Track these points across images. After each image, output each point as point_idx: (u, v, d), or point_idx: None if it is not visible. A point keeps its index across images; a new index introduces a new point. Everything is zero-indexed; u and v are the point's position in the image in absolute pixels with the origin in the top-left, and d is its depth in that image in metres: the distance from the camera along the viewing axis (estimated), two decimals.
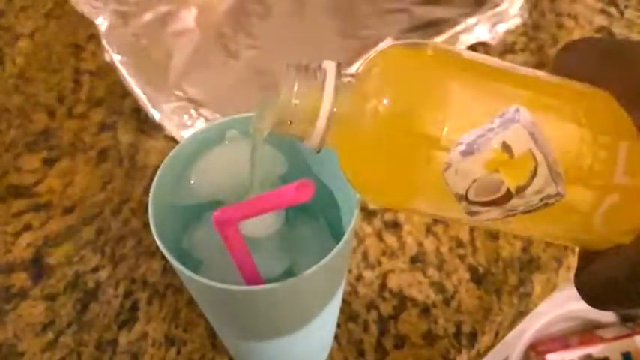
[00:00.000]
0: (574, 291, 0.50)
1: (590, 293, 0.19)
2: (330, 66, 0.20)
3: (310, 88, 0.19)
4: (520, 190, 0.18)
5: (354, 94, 0.19)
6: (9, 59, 0.51)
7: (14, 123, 0.46)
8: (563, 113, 0.18)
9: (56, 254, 0.39)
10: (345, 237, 0.22)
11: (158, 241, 0.23)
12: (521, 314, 0.38)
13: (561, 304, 0.60)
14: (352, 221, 0.23)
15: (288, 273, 0.28)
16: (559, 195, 0.18)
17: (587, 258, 0.20)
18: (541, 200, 0.18)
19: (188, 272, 0.21)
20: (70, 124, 0.46)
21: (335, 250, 0.22)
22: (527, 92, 0.18)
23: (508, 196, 0.18)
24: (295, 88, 0.19)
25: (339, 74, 0.19)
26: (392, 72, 0.19)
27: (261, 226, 0.26)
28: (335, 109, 0.19)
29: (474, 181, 0.18)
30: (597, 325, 0.63)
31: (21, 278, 0.38)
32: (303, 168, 0.29)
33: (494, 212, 0.18)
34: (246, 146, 0.26)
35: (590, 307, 0.53)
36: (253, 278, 0.23)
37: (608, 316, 0.64)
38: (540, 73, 0.19)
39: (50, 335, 0.36)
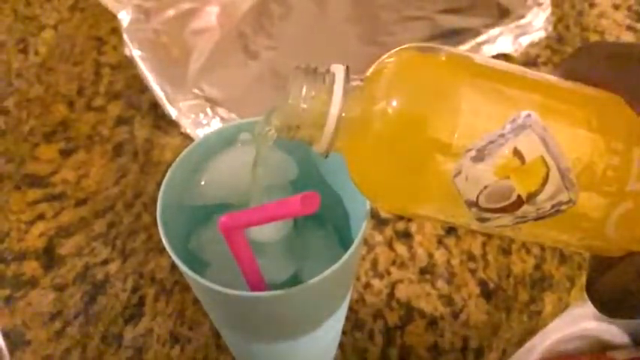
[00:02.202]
0: (587, 309, 0.49)
1: (603, 301, 0.19)
2: (338, 70, 0.19)
3: (318, 92, 0.19)
4: (531, 196, 0.17)
5: (363, 96, 0.19)
6: (32, 49, 0.51)
7: (34, 112, 0.47)
8: (575, 119, 0.18)
9: (67, 245, 0.40)
10: (352, 248, 0.22)
11: (164, 240, 0.23)
12: (531, 333, 0.37)
13: (574, 322, 0.59)
14: (360, 233, 0.23)
15: (294, 279, 0.27)
16: (571, 202, 0.17)
17: (599, 265, 0.20)
18: (553, 207, 0.18)
19: (191, 273, 0.21)
20: (88, 116, 0.47)
21: (340, 261, 0.22)
22: (538, 97, 0.18)
23: (519, 202, 0.18)
24: (303, 92, 0.19)
25: (347, 78, 0.19)
26: (403, 75, 0.19)
27: (268, 230, 0.26)
28: (343, 114, 0.19)
29: (485, 187, 0.17)
30: (609, 347, 0.62)
31: (32, 267, 0.39)
32: (314, 174, 0.28)
33: (505, 219, 0.18)
34: None
35: (603, 328, 0.51)
36: (257, 284, 0.22)
37: (621, 337, 0.62)
38: (552, 78, 0.19)
39: (57, 325, 0.36)
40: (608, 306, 0.19)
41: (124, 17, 0.47)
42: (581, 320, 0.59)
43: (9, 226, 0.41)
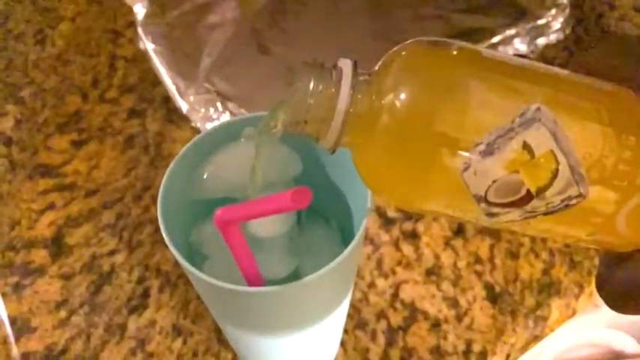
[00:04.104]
0: (598, 316, 0.48)
1: (614, 298, 0.19)
2: (346, 64, 0.19)
3: (326, 87, 0.19)
4: (541, 191, 0.17)
5: (371, 90, 0.19)
6: (49, 41, 0.52)
7: (49, 103, 0.48)
8: (585, 112, 0.18)
9: (76, 235, 0.40)
10: (350, 247, 0.22)
11: (163, 232, 0.23)
12: (536, 338, 0.37)
13: (584, 329, 0.58)
14: (359, 231, 0.22)
15: (296, 275, 0.27)
16: (581, 196, 0.17)
17: (610, 261, 0.19)
18: (562, 201, 0.17)
19: (187, 264, 0.21)
20: (101, 108, 0.47)
21: (337, 259, 0.22)
22: (548, 91, 0.18)
23: (528, 197, 0.17)
24: (311, 87, 0.19)
25: (355, 73, 0.19)
26: (412, 68, 0.18)
27: (270, 226, 0.26)
28: (351, 109, 0.19)
29: (494, 181, 0.17)
30: (620, 355, 0.61)
31: (40, 255, 0.39)
32: (318, 171, 0.28)
33: (514, 213, 0.18)
34: None
35: (614, 336, 0.50)
36: (254, 279, 0.22)
37: (633, 346, 0.61)
38: (563, 72, 0.19)
39: (63, 314, 0.37)
40: (620, 302, 0.19)
41: (140, 10, 0.48)
42: (591, 327, 0.58)
43: (20, 214, 0.41)
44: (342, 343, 0.36)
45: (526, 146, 0.17)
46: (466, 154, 0.17)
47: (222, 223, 0.20)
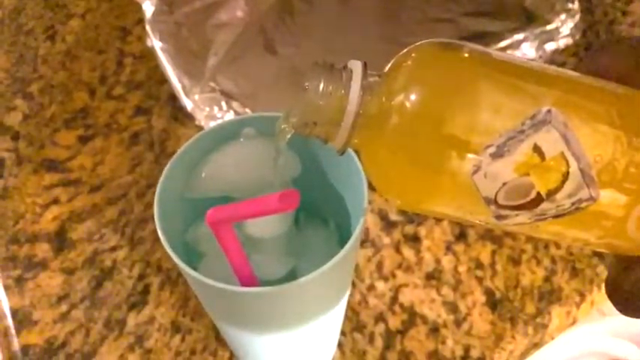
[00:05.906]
0: (602, 325, 0.47)
1: (624, 302, 0.19)
2: (355, 66, 0.19)
3: (335, 89, 0.19)
4: (551, 193, 0.17)
5: (381, 91, 0.19)
6: (59, 37, 0.52)
7: (56, 99, 0.48)
8: (596, 115, 0.17)
9: (79, 230, 0.40)
10: (346, 248, 0.22)
11: (159, 229, 0.23)
12: (535, 346, 0.36)
13: (587, 338, 0.58)
14: (354, 234, 0.22)
15: (292, 275, 0.27)
16: (592, 199, 0.17)
17: (620, 265, 0.19)
18: (573, 204, 0.17)
19: (180, 262, 0.22)
20: (107, 104, 0.47)
21: (334, 259, 0.22)
22: (559, 93, 0.18)
23: (538, 200, 0.17)
24: (321, 88, 0.19)
25: (365, 74, 0.19)
26: (422, 70, 0.18)
27: (267, 227, 0.26)
28: (361, 110, 0.19)
29: (504, 184, 0.17)
30: None
31: (43, 249, 0.40)
32: (316, 172, 0.28)
33: (524, 216, 0.18)
34: (260, 145, 0.26)
35: (618, 344, 0.50)
36: (247, 278, 0.22)
37: (635, 355, 0.61)
38: (573, 74, 0.19)
39: (63, 308, 0.37)
40: (631, 307, 0.19)
41: (148, 8, 0.48)
42: (595, 336, 0.57)
43: (24, 208, 0.42)
44: (340, 345, 0.36)
45: (536, 149, 0.17)
46: (476, 156, 0.17)
47: (213, 223, 0.20)
